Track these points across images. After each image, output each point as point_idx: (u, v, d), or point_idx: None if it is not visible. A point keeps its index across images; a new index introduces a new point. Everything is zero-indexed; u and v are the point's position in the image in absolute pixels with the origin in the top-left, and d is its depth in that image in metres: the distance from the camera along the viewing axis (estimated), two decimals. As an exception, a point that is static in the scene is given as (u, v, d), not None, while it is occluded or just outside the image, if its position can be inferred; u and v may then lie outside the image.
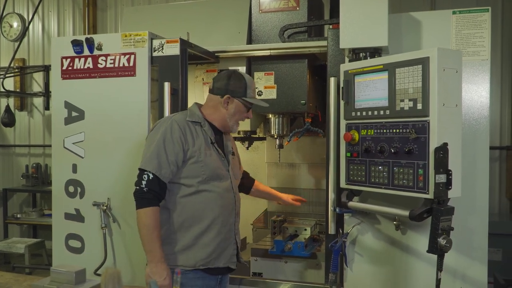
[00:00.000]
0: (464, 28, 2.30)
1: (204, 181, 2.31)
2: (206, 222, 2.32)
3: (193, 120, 2.38)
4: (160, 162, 2.25)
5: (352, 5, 2.28)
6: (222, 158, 2.40)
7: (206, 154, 2.33)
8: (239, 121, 2.47)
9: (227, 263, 2.38)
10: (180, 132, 2.29)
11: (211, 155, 2.35)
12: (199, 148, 2.32)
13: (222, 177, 2.37)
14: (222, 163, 2.40)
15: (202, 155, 2.32)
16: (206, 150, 2.34)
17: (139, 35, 2.77)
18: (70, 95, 2.91)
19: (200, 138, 2.34)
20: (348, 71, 2.29)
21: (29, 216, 6.28)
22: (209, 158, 2.33)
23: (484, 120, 2.32)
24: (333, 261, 2.41)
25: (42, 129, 6.90)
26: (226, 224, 2.38)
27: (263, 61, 3.11)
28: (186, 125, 2.33)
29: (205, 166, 2.31)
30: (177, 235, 2.32)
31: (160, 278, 2.18)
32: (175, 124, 2.30)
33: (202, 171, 2.30)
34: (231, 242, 2.41)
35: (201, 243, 2.31)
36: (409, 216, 2.00)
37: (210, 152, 2.35)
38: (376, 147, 2.14)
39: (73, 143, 2.91)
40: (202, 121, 2.39)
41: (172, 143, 2.27)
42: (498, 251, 4.57)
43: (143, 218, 2.22)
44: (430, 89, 1.92)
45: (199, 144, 2.33)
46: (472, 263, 2.33)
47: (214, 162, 2.35)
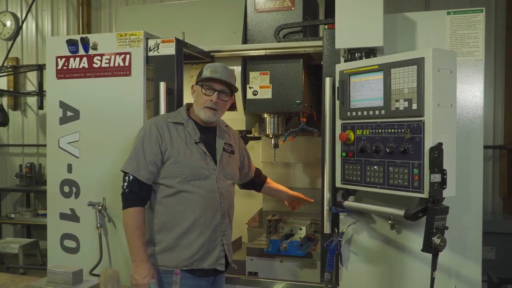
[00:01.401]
0: (458, 28, 2.32)
1: (183, 181, 2.32)
2: (187, 223, 2.32)
3: (175, 121, 2.41)
4: (138, 163, 2.32)
5: (347, 5, 2.29)
6: (206, 158, 2.38)
7: (186, 154, 2.34)
8: (206, 107, 2.38)
9: (213, 265, 2.37)
10: (158, 133, 2.35)
11: (192, 155, 2.35)
12: (178, 149, 2.34)
13: (205, 177, 2.35)
14: (206, 163, 2.37)
15: (181, 155, 2.33)
16: (187, 150, 2.35)
17: (134, 34, 2.77)
18: (65, 95, 2.89)
19: (180, 138, 2.36)
20: (344, 71, 2.30)
21: (23, 216, 6.25)
22: (189, 158, 2.34)
23: (478, 120, 2.34)
24: (328, 260, 2.42)
25: (36, 128, 6.88)
26: (210, 225, 2.35)
27: (258, 61, 3.12)
28: (165, 126, 2.38)
29: (184, 167, 2.32)
30: (160, 236, 2.36)
31: (140, 277, 2.22)
32: (153, 126, 2.37)
33: (181, 171, 2.32)
34: (217, 244, 2.38)
35: (183, 244, 2.32)
36: (404, 216, 2.02)
37: (191, 152, 2.35)
38: (372, 147, 2.15)
39: (68, 143, 2.89)
40: (185, 122, 2.41)
41: (150, 144, 2.33)
42: (492, 250, 4.61)
43: (125, 219, 2.31)
44: (425, 89, 1.93)
45: (178, 144, 2.35)
46: (466, 262, 2.34)
47: (195, 161, 2.34)
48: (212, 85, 2.38)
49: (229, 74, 2.44)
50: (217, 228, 2.38)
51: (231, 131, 2.67)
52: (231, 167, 2.51)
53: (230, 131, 2.65)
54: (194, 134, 2.40)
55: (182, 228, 2.32)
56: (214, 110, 2.40)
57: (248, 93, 3.12)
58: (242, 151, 2.71)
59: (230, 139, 2.59)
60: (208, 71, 2.39)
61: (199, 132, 2.42)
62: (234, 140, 2.62)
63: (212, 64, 2.47)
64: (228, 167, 2.49)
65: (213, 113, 2.40)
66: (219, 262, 2.39)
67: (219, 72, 2.38)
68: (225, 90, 2.41)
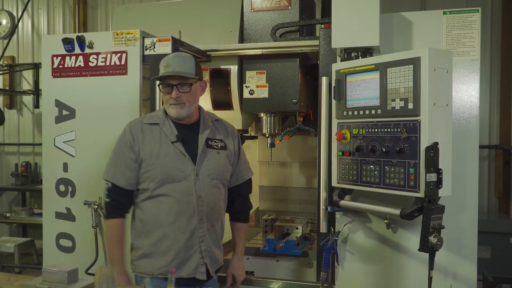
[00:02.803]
0: (454, 28, 2.32)
1: (157, 184, 2.24)
2: (162, 228, 2.25)
3: (151, 122, 2.33)
4: (115, 170, 2.29)
5: (343, 5, 2.29)
6: (183, 158, 2.26)
7: (159, 156, 2.25)
8: (170, 104, 2.26)
9: (192, 274, 2.26)
10: (131, 136, 2.29)
11: (166, 156, 2.25)
12: (151, 151, 2.26)
13: (180, 179, 2.24)
14: (183, 163, 2.25)
15: (154, 157, 2.25)
16: (160, 151, 2.25)
17: (130, 33, 2.76)
18: (61, 94, 2.89)
19: (155, 140, 2.27)
20: (340, 70, 2.30)
21: (19, 215, 6.22)
22: (162, 159, 2.24)
23: (474, 120, 2.34)
24: (324, 260, 2.42)
25: (32, 127, 6.85)
26: (185, 231, 2.24)
27: (255, 60, 3.11)
28: (139, 129, 2.31)
29: (156, 169, 2.23)
30: (138, 241, 2.32)
31: None
32: (127, 129, 2.33)
33: (154, 174, 2.23)
34: (194, 251, 2.26)
35: (159, 251, 2.25)
36: (400, 215, 2.02)
37: (165, 153, 2.25)
38: (368, 146, 2.16)
39: (64, 141, 2.89)
40: (161, 121, 2.32)
41: (125, 147, 2.29)
42: (487, 249, 4.63)
43: (105, 229, 2.36)
44: (421, 89, 1.93)
45: (151, 146, 2.27)
46: (462, 261, 2.35)
47: (169, 163, 2.24)
48: (167, 81, 2.26)
49: (182, 63, 2.25)
50: (194, 234, 2.26)
51: (223, 126, 2.49)
52: (219, 165, 2.35)
53: (222, 126, 2.48)
54: (170, 134, 2.29)
55: (157, 234, 2.25)
56: (180, 105, 2.26)
57: (244, 92, 3.11)
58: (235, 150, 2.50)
59: (221, 134, 2.43)
60: (162, 68, 2.27)
61: (176, 130, 2.30)
62: (227, 135, 2.46)
63: (165, 58, 2.31)
64: (214, 166, 2.33)
65: (180, 107, 2.26)
66: (199, 270, 2.27)
67: (170, 65, 2.23)
68: (182, 82, 2.24)
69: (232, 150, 2.46)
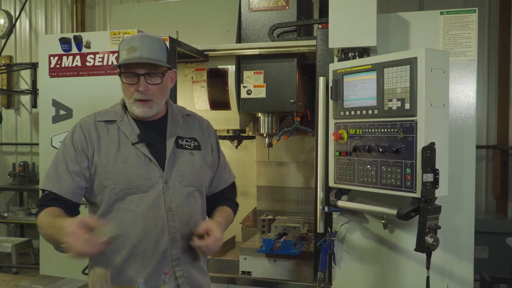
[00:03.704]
0: (451, 28, 2.33)
1: (116, 197, 1.78)
2: (124, 253, 1.80)
3: (106, 119, 1.89)
4: (58, 176, 1.80)
5: (341, 5, 2.29)
6: (148, 163, 1.81)
7: (117, 161, 1.80)
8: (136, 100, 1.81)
9: None
10: (82, 135, 1.84)
11: (125, 161, 1.80)
12: (107, 155, 1.81)
13: (146, 188, 1.79)
14: (148, 169, 1.81)
15: (110, 163, 1.79)
16: (118, 155, 1.81)
17: (127, 33, 2.75)
18: (58, 93, 2.88)
19: (112, 141, 1.83)
20: (337, 70, 2.30)
21: (16, 215, 6.22)
22: (121, 165, 1.79)
23: (470, 120, 2.35)
24: (321, 260, 2.42)
25: (30, 127, 6.84)
26: (153, 254, 1.80)
27: (252, 60, 3.11)
28: (92, 127, 1.86)
29: (114, 178, 1.78)
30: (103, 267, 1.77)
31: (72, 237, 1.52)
32: (77, 128, 1.87)
33: (111, 184, 1.78)
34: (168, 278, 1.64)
35: (126, 278, 1.80)
36: (397, 215, 2.02)
37: (125, 158, 1.80)
38: (365, 146, 2.16)
39: (61, 141, 2.87)
40: (118, 118, 1.87)
41: (74, 150, 1.82)
42: (485, 249, 4.64)
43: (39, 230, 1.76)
44: (418, 89, 1.93)
45: (107, 149, 1.82)
46: (458, 261, 2.35)
47: (130, 169, 1.79)
48: (132, 69, 1.78)
49: (151, 47, 1.80)
50: (165, 257, 1.82)
51: (197, 122, 2.05)
52: (193, 169, 1.91)
53: (194, 122, 2.03)
54: (130, 133, 1.84)
55: (120, 258, 1.80)
56: (148, 102, 1.81)
57: (242, 92, 3.12)
58: (214, 150, 2.05)
59: (194, 131, 1.99)
60: (125, 52, 1.79)
61: (137, 129, 1.85)
62: (201, 133, 2.01)
63: (128, 39, 1.83)
64: (188, 170, 1.89)
65: (148, 105, 1.82)
66: None
67: (137, 48, 1.77)
68: (152, 70, 1.80)
69: (209, 150, 2.02)
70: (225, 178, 2.10)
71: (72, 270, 2.80)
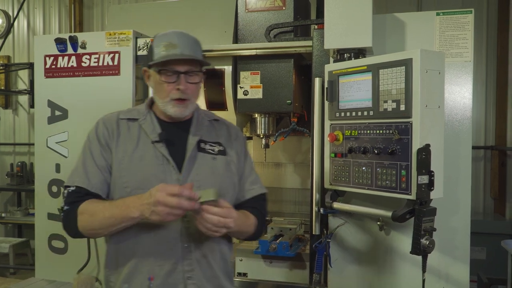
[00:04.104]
0: (447, 29, 2.31)
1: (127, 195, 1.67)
2: (134, 260, 1.70)
3: (128, 117, 1.83)
4: (87, 172, 1.72)
5: (336, 6, 2.28)
6: (166, 163, 1.72)
7: (133, 159, 1.72)
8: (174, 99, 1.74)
9: None
10: (105, 129, 1.78)
11: (141, 159, 1.72)
12: (124, 151, 1.73)
13: None
14: (164, 170, 1.71)
15: (126, 160, 1.71)
16: (136, 153, 1.73)
17: (123, 33, 2.75)
18: (54, 94, 2.88)
19: (131, 138, 1.77)
20: (333, 71, 2.29)
21: (14, 215, 6.22)
22: (136, 163, 1.71)
23: (466, 121, 2.33)
24: (317, 262, 2.41)
25: (28, 127, 6.83)
26: (164, 263, 1.68)
27: (249, 60, 3.10)
28: (114, 123, 1.80)
29: (127, 176, 1.70)
30: (113, 277, 1.77)
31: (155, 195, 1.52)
32: (100, 123, 1.82)
33: (124, 182, 1.69)
34: None
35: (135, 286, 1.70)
36: (392, 217, 2.01)
37: (141, 156, 1.72)
38: (360, 148, 2.14)
39: (57, 142, 2.88)
40: (141, 116, 1.82)
41: (99, 145, 1.76)
42: (482, 250, 4.63)
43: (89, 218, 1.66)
44: (413, 91, 1.92)
45: (125, 146, 1.75)
46: (454, 262, 2.34)
47: (145, 168, 1.70)
48: (173, 67, 1.71)
49: (190, 44, 1.76)
50: (176, 267, 1.69)
51: (225, 127, 1.95)
52: (214, 174, 1.79)
53: (222, 128, 1.94)
54: (151, 132, 1.77)
55: (129, 267, 1.70)
56: (185, 101, 1.75)
57: (238, 93, 3.10)
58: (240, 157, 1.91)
59: (220, 136, 1.89)
60: (162, 48, 1.72)
61: (159, 128, 1.78)
62: (228, 138, 1.91)
63: (163, 35, 1.77)
64: (208, 175, 1.77)
65: (184, 105, 1.75)
66: None
67: (177, 45, 1.71)
68: (193, 68, 1.74)
69: (235, 156, 1.88)
70: (250, 188, 1.91)
71: (67, 272, 2.80)
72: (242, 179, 1.90)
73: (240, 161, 1.90)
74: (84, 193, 1.70)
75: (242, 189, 1.90)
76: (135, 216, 1.56)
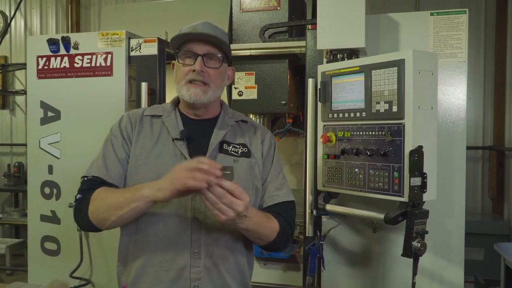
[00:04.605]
0: (441, 29, 2.29)
1: None
2: (142, 261, 1.62)
3: (153, 113, 1.76)
4: (106, 163, 1.66)
5: (328, 6, 2.26)
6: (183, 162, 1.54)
7: (150, 155, 1.65)
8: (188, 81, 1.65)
9: None
10: (129, 123, 1.72)
11: (159, 157, 1.64)
12: (142, 147, 1.67)
13: None
14: None
15: (143, 156, 1.65)
16: (154, 149, 1.66)
17: (116, 34, 2.73)
18: (46, 95, 2.86)
19: (152, 134, 1.70)
20: (326, 72, 2.27)
21: (11, 216, 6.19)
22: (153, 160, 1.64)
23: (461, 123, 2.31)
24: (310, 264, 2.39)
25: (25, 127, 6.80)
26: (170, 268, 1.59)
27: (243, 61, 3.08)
28: (139, 119, 1.74)
29: (142, 173, 1.62)
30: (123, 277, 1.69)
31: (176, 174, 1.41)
32: (125, 117, 1.76)
33: (140, 178, 1.61)
34: None
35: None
36: (384, 220, 1.99)
37: (159, 153, 1.65)
38: (353, 150, 2.12)
39: (49, 143, 2.86)
40: (165, 113, 1.75)
41: (122, 137, 1.70)
42: (480, 251, 4.60)
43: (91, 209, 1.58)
44: (405, 92, 1.90)
45: (145, 142, 1.68)
46: (449, 265, 2.32)
47: (162, 166, 1.60)
48: (192, 47, 1.64)
49: (215, 29, 1.70)
50: (182, 274, 1.59)
51: (253, 129, 1.82)
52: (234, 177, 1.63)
53: (250, 130, 1.81)
54: (173, 129, 1.68)
55: (137, 268, 1.63)
56: (202, 85, 1.64)
57: (233, 94, 3.08)
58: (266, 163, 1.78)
59: (246, 138, 1.77)
60: (184, 29, 1.69)
61: (182, 125, 1.70)
62: (255, 140, 1.78)
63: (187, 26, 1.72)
64: None
65: (201, 89, 1.63)
66: None
67: (199, 28, 1.65)
68: (212, 51, 1.65)
69: (260, 160, 1.75)
70: (275, 194, 1.75)
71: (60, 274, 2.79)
72: (265, 184, 1.76)
73: (266, 165, 1.77)
74: (99, 181, 1.63)
75: (265, 194, 1.75)
76: (144, 195, 1.46)
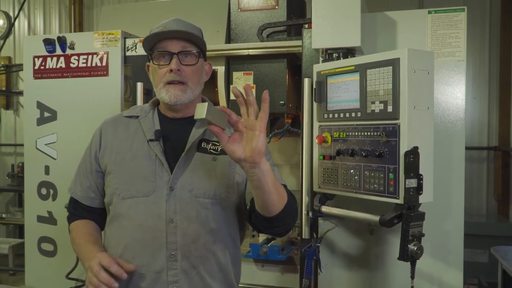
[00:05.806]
0: (439, 28, 2.24)
1: (118, 199, 1.60)
2: None
3: (131, 114, 1.73)
4: (76, 179, 1.78)
5: (324, 4, 2.22)
6: (158, 164, 1.59)
7: (125, 158, 1.62)
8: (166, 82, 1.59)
9: None
10: (98, 137, 1.72)
11: (132, 159, 1.61)
12: (118, 152, 1.64)
13: (147, 192, 1.57)
14: (154, 170, 1.59)
15: (118, 160, 1.63)
16: (128, 152, 1.63)
17: (112, 34, 2.72)
18: (42, 95, 2.86)
19: (128, 137, 1.67)
20: (321, 72, 2.23)
21: (15, 216, 6.23)
22: (127, 163, 1.61)
23: (459, 123, 2.26)
24: (306, 266, 2.35)
25: (28, 128, 6.83)
26: (147, 272, 1.55)
27: (241, 60, 3.05)
28: (112, 124, 1.73)
29: (117, 178, 1.61)
30: None
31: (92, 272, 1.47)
32: (97, 128, 1.77)
33: (114, 184, 1.61)
34: None
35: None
36: (379, 222, 1.95)
37: (133, 155, 1.62)
38: (348, 150, 2.08)
39: (46, 144, 2.85)
40: (143, 113, 1.70)
41: (88, 152, 1.74)
42: (485, 253, 4.53)
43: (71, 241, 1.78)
44: (400, 91, 1.86)
45: (120, 146, 1.66)
46: (448, 268, 2.28)
47: (136, 168, 1.59)
48: (166, 46, 1.59)
49: (186, 24, 1.66)
50: (159, 278, 1.55)
51: None
52: (210, 177, 1.61)
53: None
54: (149, 129, 1.63)
55: None
56: (180, 85, 1.59)
57: (231, 94, 3.06)
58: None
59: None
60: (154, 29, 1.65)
61: (159, 125, 1.66)
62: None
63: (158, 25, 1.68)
64: (202, 177, 1.60)
65: (180, 88, 1.58)
66: None
67: (171, 26, 1.62)
68: (187, 47, 1.60)
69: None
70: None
71: (56, 275, 2.78)
72: None
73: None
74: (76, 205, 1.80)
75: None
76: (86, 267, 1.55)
